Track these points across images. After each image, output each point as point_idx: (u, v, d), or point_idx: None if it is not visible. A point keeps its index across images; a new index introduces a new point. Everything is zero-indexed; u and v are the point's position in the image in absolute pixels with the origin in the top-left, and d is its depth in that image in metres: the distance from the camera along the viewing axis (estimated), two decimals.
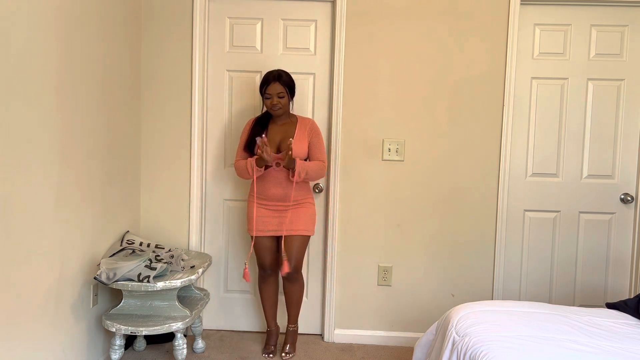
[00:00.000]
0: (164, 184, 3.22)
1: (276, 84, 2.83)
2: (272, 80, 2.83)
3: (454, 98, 3.17)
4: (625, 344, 2.02)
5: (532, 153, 3.24)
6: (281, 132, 2.92)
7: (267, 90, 2.83)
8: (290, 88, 2.89)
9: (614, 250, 3.26)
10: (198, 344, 3.03)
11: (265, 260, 2.98)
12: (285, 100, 2.86)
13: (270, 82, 2.83)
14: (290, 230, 2.90)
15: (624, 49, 3.17)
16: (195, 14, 3.13)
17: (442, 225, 3.23)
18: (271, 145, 2.87)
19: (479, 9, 3.12)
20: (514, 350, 1.93)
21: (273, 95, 2.83)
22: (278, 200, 2.89)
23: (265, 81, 2.85)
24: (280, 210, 2.91)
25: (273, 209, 2.91)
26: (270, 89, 2.83)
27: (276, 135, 2.91)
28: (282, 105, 2.85)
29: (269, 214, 2.91)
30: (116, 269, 2.51)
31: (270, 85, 2.83)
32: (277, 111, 2.86)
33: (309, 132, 2.93)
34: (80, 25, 2.43)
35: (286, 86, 2.85)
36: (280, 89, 2.83)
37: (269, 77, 2.85)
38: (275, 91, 2.83)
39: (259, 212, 2.91)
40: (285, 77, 2.86)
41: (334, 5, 3.15)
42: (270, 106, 2.85)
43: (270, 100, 2.84)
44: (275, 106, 2.84)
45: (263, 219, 2.91)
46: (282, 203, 2.89)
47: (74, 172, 2.42)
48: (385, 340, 3.26)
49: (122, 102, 2.92)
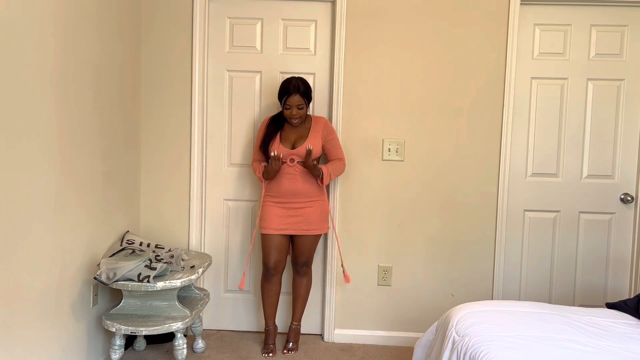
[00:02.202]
0: (164, 184, 3.22)
1: (296, 96, 2.87)
2: (292, 91, 2.87)
3: (454, 98, 3.17)
4: (625, 344, 2.03)
5: (532, 153, 3.24)
6: (296, 131, 2.98)
7: (288, 101, 2.88)
8: (308, 97, 2.95)
9: (614, 250, 3.26)
10: (198, 344, 3.03)
11: (272, 258, 2.99)
12: (304, 112, 2.93)
13: (290, 93, 2.87)
14: (304, 230, 2.95)
15: (624, 49, 3.17)
16: (195, 14, 3.13)
17: (442, 225, 3.23)
18: (286, 143, 2.95)
19: (479, 9, 3.12)
20: (514, 350, 1.93)
21: (293, 107, 2.89)
22: (291, 196, 2.93)
23: (286, 91, 2.88)
24: (293, 208, 2.94)
25: (287, 206, 2.95)
26: (290, 100, 2.87)
27: (291, 134, 2.97)
28: (301, 116, 2.92)
29: (282, 212, 2.95)
30: (116, 269, 2.51)
31: (290, 97, 2.87)
32: (296, 122, 2.93)
33: (323, 130, 2.99)
34: (80, 25, 2.43)
35: (305, 97, 2.90)
36: (300, 101, 2.88)
37: (288, 87, 2.88)
38: (295, 103, 2.88)
39: (272, 210, 2.95)
40: (303, 87, 2.90)
41: (334, 5, 3.15)
42: (290, 117, 2.91)
43: (290, 111, 2.89)
44: (295, 117, 2.90)
45: (276, 218, 2.95)
46: (296, 199, 2.94)
47: (73, 172, 2.42)
48: (385, 340, 3.26)
49: (122, 102, 2.92)
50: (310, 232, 2.97)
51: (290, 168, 2.92)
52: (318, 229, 2.99)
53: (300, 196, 2.94)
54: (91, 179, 2.59)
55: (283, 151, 2.91)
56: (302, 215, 2.95)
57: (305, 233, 2.97)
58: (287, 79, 2.94)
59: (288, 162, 2.92)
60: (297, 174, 2.92)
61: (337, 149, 3.04)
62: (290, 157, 2.91)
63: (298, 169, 2.92)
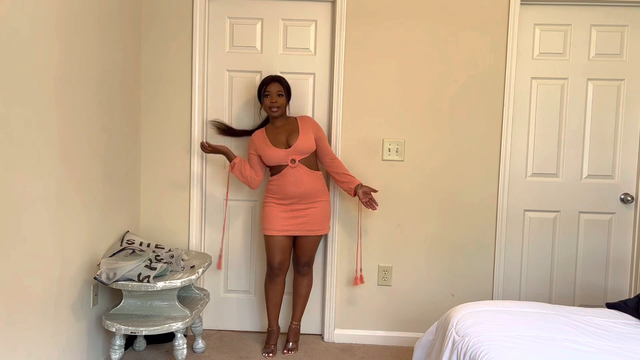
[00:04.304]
0: (164, 184, 3.22)
1: (276, 83, 2.94)
2: (271, 80, 2.95)
3: (454, 98, 3.17)
4: (625, 344, 2.02)
5: (532, 153, 3.24)
6: (284, 130, 2.98)
7: (267, 88, 2.93)
8: (288, 90, 2.99)
9: (614, 250, 3.26)
10: (198, 343, 3.04)
11: (277, 259, 2.99)
12: (283, 100, 2.94)
13: (269, 82, 2.94)
14: (307, 231, 2.96)
15: (624, 49, 3.17)
16: (195, 14, 3.13)
17: (442, 225, 3.23)
18: (279, 143, 2.94)
19: (479, 9, 3.12)
20: (514, 350, 1.93)
21: (272, 94, 2.92)
22: (297, 199, 2.93)
23: (265, 82, 2.96)
24: (297, 209, 2.94)
25: (290, 208, 2.95)
26: (270, 87, 2.93)
27: (280, 134, 2.97)
28: (280, 105, 2.93)
29: (285, 214, 2.95)
30: (116, 269, 2.51)
31: (270, 84, 2.93)
32: (275, 111, 2.94)
33: (312, 125, 3.01)
34: (80, 25, 2.43)
35: (284, 87, 2.95)
36: (279, 88, 2.93)
37: (267, 78, 2.97)
38: (275, 89, 2.92)
39: (276, 212, 2.95)
40: (283, 80, 2.98)
41: (334, 5, 3.15)
42: (270, 105, 2.92)
43: (270, 98, 2.92)
44: (274, 104, 2.92)
45: (279, 219, 2.95)
46: (300, 201, 2.94)
47: (74, 172, 2.42)
48: (385, 340, 3.26)
49: (122, 102, 2.92)
50: (313, 233, 2.98)
51: (293, 170, 2.91)
52: (321, 230, 3.00)
53: (306, 198, 2.94)
54: (91, 179, 2.59)
55: (280, 153, 2.90)
56: (305, 216, 2.95)
57: (308, 234, 2.97)
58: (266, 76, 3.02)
59: (289, 163, 2.90)
60: (302, 176, 2.91)
61: (327, 144, 3.05)
62: (291, 158, 2.90)
63: (301, 170, 2.91)
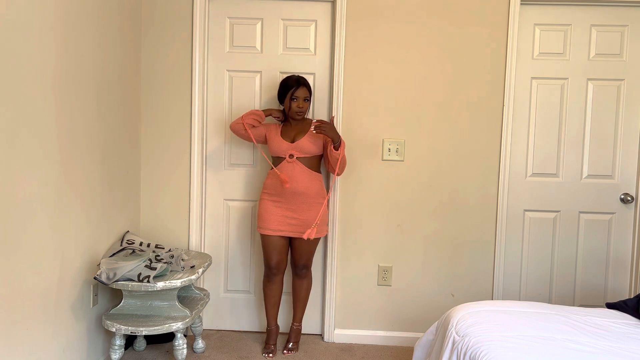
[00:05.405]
0: (163, 184, 3.22)
1: (304, 89, 2.93)
2: (299, 84, 2.92)
3: (454, 98, 3.17)
4: (625, 344, 2.03)
5: (532, 153, 3.24)
6: (296, 128, 2.99)
7: (296, 93, 2.90)
8: (311, 93, 3.00)
9: (614, 250, 3.26)
10: (198, 344, 3.04)
11: (273, 259, 2.99)
12: (308, 105, 2.97)
13: (298, 85, 2.91)
14: (302, 234, 2.91)
15: (624, 49, 3.17)
16: (195, 14, 3.13)
17: (442, 225, 3.23)
18: (287, 137, 2.96)
19: (479, 9, 3.12)
20: (514, 350, 1.93)
21: (300, 99, 2.91)
22: (291, 196, 2.91)
23: (293, 84, 2.91)
24: (292, 209, 2.92)
25: (285, 207, 2.93)
26: (299, 92, 2.91)
27: (291, 130, 2.98)
28: (305, 110, 2.95)
29: (280, 212, 2.93)
30: (116, 269, 2.51)
31: (299, 89, 2.91)
32: (300, 116, 2.95)
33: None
34: (80, 25, 2.43)
35: (310, 92, 2.97)
36: (307, 94, 2.94)
37: (294, 81, 2.93)
38: (303, 94, 2.92)
39: (270, 208, 2.95)
40: (309, 84, 2.99)
41: (334, 5, 3.15)
42: (297, 110, 2.91)
43: (297, 102, 2.91)
44: (301, 109, 2.92)
45: (275, 218, 2.93)
46: (295, 200, 2.91)
47: (74, 172, 2.42)
48: (385, 340, 3.26)
49: (122, 102, 2.92)
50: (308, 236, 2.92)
51: (289, 164, 2.91)
52: (317, 233, 2.94)
53: (300, 196, 2.90)
54: (91, 179, 2.59)
55: (282, 145, 2.91)
56: (301, 219, 2.92)
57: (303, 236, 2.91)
58: (288, 76, 2.98)
59: (287, 158, 2.91)
60: (296, 172, 2.90)
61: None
62: (289, 153, 2.90)
63: (297, 166, 2.91)
